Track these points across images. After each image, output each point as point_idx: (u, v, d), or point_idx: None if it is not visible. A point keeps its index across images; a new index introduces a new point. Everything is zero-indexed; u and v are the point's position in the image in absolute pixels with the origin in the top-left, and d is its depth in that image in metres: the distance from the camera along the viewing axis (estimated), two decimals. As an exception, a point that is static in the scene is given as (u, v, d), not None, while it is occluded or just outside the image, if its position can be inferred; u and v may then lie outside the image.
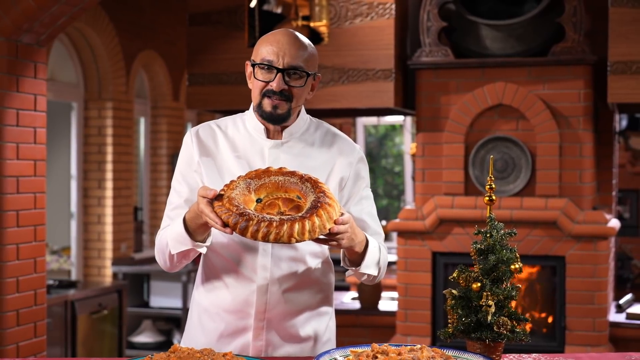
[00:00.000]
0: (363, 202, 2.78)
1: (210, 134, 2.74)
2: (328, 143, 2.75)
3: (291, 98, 2.63)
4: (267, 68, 2.62)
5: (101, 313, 6.76)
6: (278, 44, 2.62)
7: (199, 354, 2.37)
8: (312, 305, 2.75)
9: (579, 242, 5.69)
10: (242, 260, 2.66)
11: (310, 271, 2.72)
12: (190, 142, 2.72)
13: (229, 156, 2.70)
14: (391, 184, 11.41)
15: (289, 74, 2.61)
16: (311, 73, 2.65)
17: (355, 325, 6.41)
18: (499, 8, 5.97)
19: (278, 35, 2.65)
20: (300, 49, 2.63)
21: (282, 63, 2.60)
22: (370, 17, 5.88)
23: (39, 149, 4.81)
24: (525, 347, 5.57)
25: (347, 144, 2.78)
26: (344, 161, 2.74)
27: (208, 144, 2.72)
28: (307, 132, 2.75)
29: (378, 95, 5.86)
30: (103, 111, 7.81)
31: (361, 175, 2.78)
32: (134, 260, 7.87)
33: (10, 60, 4.60)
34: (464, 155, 5.87)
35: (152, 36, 8.40)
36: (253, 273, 2.65)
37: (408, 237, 5.97)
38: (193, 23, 6.14)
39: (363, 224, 2.75)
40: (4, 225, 4.58)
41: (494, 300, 2.56)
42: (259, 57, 2.64)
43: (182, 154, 2.76)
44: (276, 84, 2.60)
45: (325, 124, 2.83)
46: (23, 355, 4.68)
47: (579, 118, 5.73)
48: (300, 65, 2.61)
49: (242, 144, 2.72)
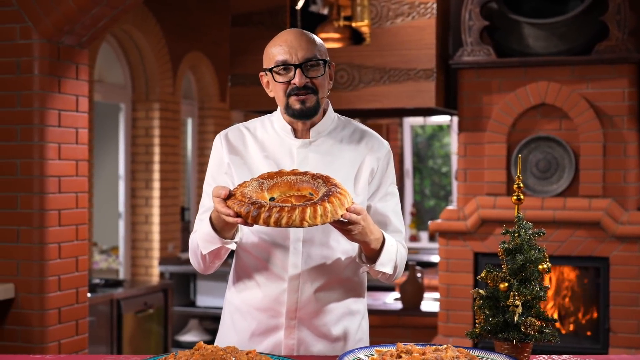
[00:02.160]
0: (388, 197, 2.79)
1: (239, 136, 2.77)
2: (356, 140, 2.77)
3: (316, 90, 2.65)
4: (284, 68, 2.63)
5: (147, 312, 6.82)
6: (287, 43, 2.63)
7: (222, 352, 2.38)
8: (344, 304, 2.75)
9: (623, 243, 5.61)
10: (273, 259, 2.68)
11: (341, 270, 2.72)
12: (220, 145, 2.76)
13: (258, 157, 2.72)
14: (438, 184, 11.37)
15: (307, 67, 2.63)
16: (327, 60, 2.68)
17: (397, 325, 6.40)
18: (542, 7, 5.91)
19: (283, 36, 2.67)
20: (309, 41, 2.65)
21: (297, 59, 2.61)
22: (411, 17, 5.86)
23: (80, 149, 4.88)
24: (568, 349, 5.51)
25: (376, 140, 2.80)
26: (373, 156, 2.75)
27: (237, 146, 2.75)
28: (335, 130, 2.77)
29: (419, 95, 5.84)
30: (150, 112, 7.89)
31: (389, 171, 2.80)
32: (180, 260, 7.94)
33: (52, 62, 4.67)
34: (506, 155, 5.83)
35: (198, 37, 8.47)
36: (284, 271, 2.67)
37: (450, 238, 5.94)
38: (235, 24, 6.18)
39: (386, 220, 2.76)
40: (46, 225, 4.65)
41: (521, 300, 2.53)
42: (272, 62, 2.66)
43: (212, 157, 2.79)
44: (298, 79, 2.61)
45: (353, 122, 2.84)
46: (65, 353, 4.74)
47: (623, 117, 5.66)
48: (314, 55, 2.64)
49: (270, 144, 2.74)
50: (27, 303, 4.65)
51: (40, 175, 4.63)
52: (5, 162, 4.68)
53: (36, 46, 4.62)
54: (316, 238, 2.67)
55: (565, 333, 5.83)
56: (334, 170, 2.68)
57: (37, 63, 4.62)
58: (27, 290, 4.65)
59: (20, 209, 4.65)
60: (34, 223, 4.63)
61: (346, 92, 5.97)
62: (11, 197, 4.67)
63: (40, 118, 4.62)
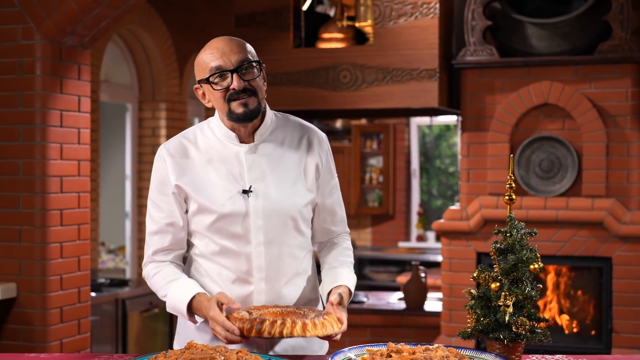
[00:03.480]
0: (333, 191, 2.87)
1: (181, 149, 2.74)
2: (298, 138, 2.80)
3: (255, 91, 2.65)
4: (220, 75, 2.63)
5: (152, 311, 6.84)
6: (218, 49, 2.64)
7: (212, 351, 2.40)
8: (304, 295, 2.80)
9: (626, 243, 5.60)
10: (237, 264, 2.71)
11: (299, 263, 2.78)
12: (163, 163, 2.73)
13: (206, 166, 2.72)
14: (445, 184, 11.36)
15: (242, 70, 2.63)
16: (259, 61, 2.68)
17: (401, 325, 6.41)
18: (545, 6, 5.90)
19: (213, 44, 2.67)
20: (239, 45, 2.66)
21: (231, 63, 2.62)
22: (414, 17, 5.86)
23: (82, 149, 4.90)
24: (572, 349, 5.51)
25: (315, 135, 2.84)
26: (315, 152, 2.79)
27: (182, 160, 2.72)
28: (277, 130, 2.79)
29: (422, 95, 5.84)
30: (157, 112, 7.92)
31: (330, 165, 2.86)
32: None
33: (54, 62, 4.70)
34: (509, 155, 5.82)
35: (205, 37, 8.41)
36: (249, 275, 2.71)
37: (453, 238, 5.94)
38: (238, 24, 6.20)
39: (333, 213, 2.87)
40: (48, 224, 4.67)
41: (512, 300, 2.53)
42: (206, 71, 2.66)
43: (154, 177, 2.77)
44: (237, 83, 2.62)
45: (291, 117, 2.87)
46: (67, 352, 4.77)
47: (626, 117, 5.65)
48: (247, 57, 2.64)
49: (215, 151, 2.74)
50: (29, 302, 4.68)
51: (42, 175, 4.66)
52: (7, 162, 4.71)
53: (38, 47, 4.65)
54: (275, 239, 2.71)
55: (568, 333, 5.82)
56: (283, 170, 2.73)
57: (39, 63, 4.65)
58: (29, 289, 4.68)
59: (22, 208, 4.68)
60: (36, 223, 4.66)
61: (349, 92, 5.97)
62: (13, 197, 4.70)
63: (42, 118, 4.65)
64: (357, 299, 6.80)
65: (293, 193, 2.72)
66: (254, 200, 2.67)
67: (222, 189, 2.68)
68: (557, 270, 5.84)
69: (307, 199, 2.75)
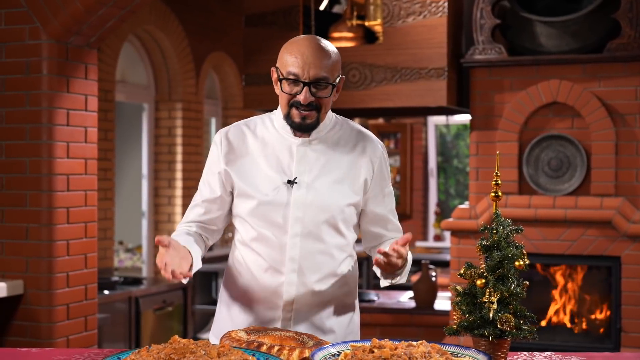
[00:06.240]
0: (386, 199, 2.90)
1: (240, 135, 2.83)
2: (353, 142, 2.84)
3: (319, 108, 2.70)
4: (293, 81, 2.66)
5: (166, 310, 6.89)
6: (302, 57, 2.65)
7: (194, 346, 2.42)
8: (338, 298, 2.84)
9: (635, 242, 5.57)
10: (271, 253, 2.76)
11: (336, 264, 2.81)
12: (219, 144, 2.84)
13: (259, 154, 2.79)
14: (463, 183, 11.33)
15: (315, 85, 2.66)
16: (336, 84, 2.71)
17: (411, 324, 6.41)
18: (554, 4, 5.88)
19: (302, 46, 2.67)
20: (324, 58, 2.67)
21: (307, 76, 2.64)
22: (423, 16, 5.86)
23: (89, 148, 4.95)
24: (580, 348, 5.49)
25: (371, 142, 2.86)
26: (368, 159, 2.82)
27: (238, 146, 2.81)
28: (333, 130, 2.84)
29: (431, 94, 5.84)
30: (173, 112, 7.97)
31: (384, 173, 2.88)
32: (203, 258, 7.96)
33: (61, 62, 4.75)
34: (518, 154, 5.81)
35: (221, 37, 8.53)
36: (282, 265, 2.75)
37: (461, 236, 5.94)
38: (249, 24, 6.22)
39: (386, 221, 2.89)
40: (55, 222, 4.72)
41: (497, 296, 2.54)
42: (284, 68, 2.68)
43: (210, 155, 2.88)
44: (303, 97, 2.65)
45: (350, 122, 2.91)
46: (73, 348, 4.81)
47: (636, 116, 5.61)
48: (325, 76, 2.66)
49: (270, 141, 2.80)
50: (36, 299, 4.73)
51: (48, 173, 4.71)
52: (14, 161, 4.77)
53: (45, 47, 4.70)
54: (312, 233, 2.75)
55: (577, 332, 5.80)
56: (331, 168, 2.78)
57: (45, 63, 4.70)
58: (36, 286, 4.73)
59: (29, 206, 4.74)
60: (43, 220, 4.71)
61: (358, 91, 5.99)
62: (20, 195, 4.75)
63: (49, 117, 4.70)
64: (367, 298, 6.81)
65: (336, 191, 2.77)
66: (297, 191, 2.73)
67: (268, 178, 2.76)
68: (565, 270, 5.82)
69: (351, 201, 2.79)
